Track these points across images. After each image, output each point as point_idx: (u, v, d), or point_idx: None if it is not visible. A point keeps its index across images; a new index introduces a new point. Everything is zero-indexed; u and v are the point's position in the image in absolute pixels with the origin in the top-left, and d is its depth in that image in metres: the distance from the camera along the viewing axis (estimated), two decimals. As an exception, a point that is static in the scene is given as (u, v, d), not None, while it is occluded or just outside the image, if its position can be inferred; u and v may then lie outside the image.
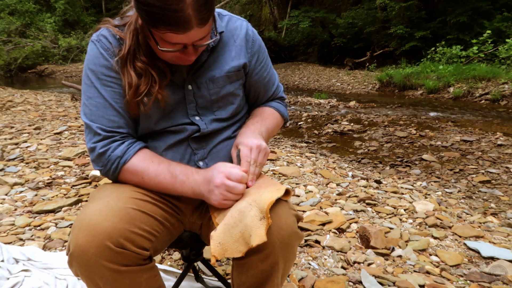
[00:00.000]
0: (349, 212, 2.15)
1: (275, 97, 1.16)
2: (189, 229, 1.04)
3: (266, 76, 1.09)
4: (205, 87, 0.96)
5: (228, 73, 0.97)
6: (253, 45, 1.02)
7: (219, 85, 0.97)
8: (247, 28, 1.02)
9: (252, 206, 0.78)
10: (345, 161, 3.80)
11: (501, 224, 2.23)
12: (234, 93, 1.01)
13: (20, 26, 20.36)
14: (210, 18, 0.78)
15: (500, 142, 4.20)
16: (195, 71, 0.94)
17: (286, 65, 15.73)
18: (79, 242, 0.75)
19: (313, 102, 7.86)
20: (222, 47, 0.98)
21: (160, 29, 0.76)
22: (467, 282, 1.50)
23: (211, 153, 0.99)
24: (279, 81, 1.18)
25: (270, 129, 1.07)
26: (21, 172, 2.68)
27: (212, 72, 0.96)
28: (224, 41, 0.98)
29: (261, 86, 1.09)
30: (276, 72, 1.17)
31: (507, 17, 10.19)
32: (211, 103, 0.98)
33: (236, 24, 1.01)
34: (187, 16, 0.73)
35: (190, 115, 0.96)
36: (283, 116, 1.15)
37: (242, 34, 1.00)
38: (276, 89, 1.15)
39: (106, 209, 0.79)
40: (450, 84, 8.23)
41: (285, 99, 1.20)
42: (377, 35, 13.61)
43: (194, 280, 1.41)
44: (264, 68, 1.07)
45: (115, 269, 0.76)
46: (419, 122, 5.60)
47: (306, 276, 1.49)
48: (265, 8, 20.01)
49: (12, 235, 1.77)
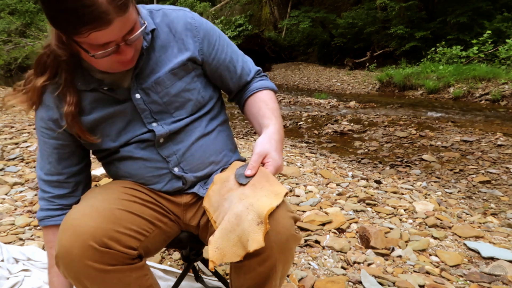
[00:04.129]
0: (349, 212, 2.15)
1: (249, 74, 1.05)
2: (186, 229, 1.05)
3: (226, 58, 0.99)
4: (153, 91, 0.91)
5: (172, 70, 0.91)
6: (198, 32, 0.94)
7: (166, 86, 0.91)
8: (184, 17, 0.94)
9: (249, 210, 0.77)
10: (345, 161, 3.80)
11: (501, 224, 2.23)
12: (188, 88, 0.94)
13: (20, 26, 20.33)
14: (129, 3, 0.73)
15: (500, 142, 4.20)
16: (137, 78, 0.89)
17: (286, 65, 15.72)
18: (63, 243, 0.76)
19: (313, 102, 7.85)
20: (161, 46, 0.91)
21: (82, 33, 0.70)
22: (467, 282, 1.50)
23: (185, 157, 0.96)
24: (243, 55, 1.07)
25: (278, 114, 0.99)
26: (21, 171, 2.67)
27: (156, 74, 0.90)
28: (162, 38, 0.91)
29: (224, 69, 1.00)
30: (236, 47, 1.05)
31: (507, 17, 10.18)
32: (166, 106, 0.92)
33: (171, 17, 0.93)
34: (101, 7, 0.67)
35: (147, 124, 0.92)
36: (274, 90, 1.07)
37: (181, 26, 0.93)
38: (244, 65, 1.04)
39: (91, 209, 0.80)
40: (450, 84, 8.22)
41: (260, 71, 1.09)
42: (377, 35, 13.60)
43: (194, 280, 1.41)
44: (220, 50, 0.98)
45: (101, 268, 0.76)
46: (419, 122, 5.60)
47: (306, 276, 1.49)
48: (265, 8, 20.01)
49: (12, 234, 1.77)
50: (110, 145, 0.94)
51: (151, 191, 0.97)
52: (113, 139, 0.93)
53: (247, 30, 15.86)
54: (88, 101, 0.89)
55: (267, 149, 0.86)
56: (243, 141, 4.20)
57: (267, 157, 0.86)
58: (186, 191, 1.00)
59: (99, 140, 0.92)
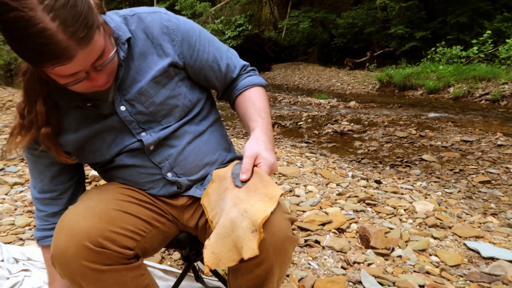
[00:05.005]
0: (349, 212, 2.15)
1: (233, 71, 1.00)
2: (184, 230, 1.05)
3: (208, 57, 0.95)
4: (138, 102, 0.88)
5: (154, 79, 0.88)
6: (175, 35, 0.89)
7: (150, 95, 0.88)
8: (160, 20, 0.89)
9: (243, 217, 0.75)
10: (345, 161, 3.80)
11: (501, 224, 2.23)
12: (173, 95, 0.91)
13: (20, 26, 20.36)
14: (92, 34, 0.67)
15: (500, 142, 4.20)
16: (119, 90, 0.86)
17: (286, 65, 15.73)
18: (58, 243, 0.76)
19: (313, 102, 7.85)
20: (140, 54, 0.87)
21: (47, 66, 0.67)
22: (467, 282, 1.50)
23: (178, 161, 0.94)
24: (228, 50, 1.01)
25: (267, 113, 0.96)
26: (21, 171, 2.67)
27: (138, 84, 0.87)
28: (140, 45, 0.87)
29: (208, 69, 0.96)
30: (219, 43, 1.00)
31: (507, 17, 10.19)
32: (152, 115, 0.90)
33: (146, 22, 0.88)
34: (61, 44, 0.63)
35: (135, 134, 0.90)
36: (262, 85, 1.04)
37: (157, 30, 0.88)
38: (229, 61, 0.99)
39: (86, 210, 0.80)
40: (450, 84, 8.23)
41: (247, 65, 1.04)
42: (377, 35, 13.60)
43: (194, 280, 1.41)
44: (202, 50, 0.93)
45: (96, 268, 0.76)
46: (419, 122, 5.60)
47: (306, 276, 1.49)
48: (265, 8, 20.01)
49: (12, 234, 1.77)
50: (101, 159, 0.93)
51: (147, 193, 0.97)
52: (103, 153, 0.92)
53: (247, 30, 15.86)
54: (72, 118, 0.87)
55: (256, 150, 0.84)
56: (243, 141, 4.20)
57: (258, 158, 0.83)
58: (182, 194, 0.99)
59: (75, 161, 0.90)
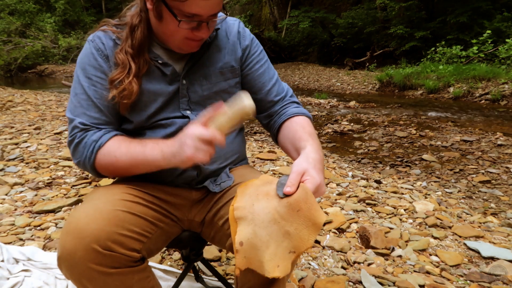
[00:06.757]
0: (349, 212, 2.15)
1: (280, 94, 1.08)
2: (188, 228, 1.04)
3: (259, 68, 1.06)
4: (199, 83, 0.97)
5: (222, 69, 0.99)
6: (244, 39, 1.04)
7: (212, 82, 0.98)
8: (238, 25, 1.06)
9: (285, 238, 0.75)
10: (345, 161, 3.80)
11: (501, 224, 2.23)
12: (228, 91, 1.01)
13: (20, 26, 20.33)
14: None
15: (500, 142, 4.20)
16: (190, 66, 0.96)
17: (286, 65, 15.73)
18: (66, 246, 0.76)
19: (313, 102, 7.85)
20: (216, 44, 1.00)
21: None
22: (467, 282, 1.50)
23: None
24: (280, 80, 1.11)
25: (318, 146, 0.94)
26: (21, 172, 2.68)
27: (206, 69, 0.98)
28: (219, 38, 1.01)
29: (256, 79, 1.05)
30: (274, 70, 1.12)
31: (507, 17, 10.19)
32: (203, 99, 0.98)
33: (229, 23, 1.05)
34: None
35: (181, 109, 0.97)
36: (310, 117, 1.09)
37: (235, 31, 1.04)
38: (277, 83, 1.08)
39: (94, 211, 0.80)
40: (450, 84, 8.23)
41: (294, 95, 1.12)
42: (377, 35, 13.61)
43: (194, 280, 1.41)
44: (257, 60, 1.06)
45: (103, 271, 0.76)
46: (419, 122, 5.60)
47: (306, 276, 1.49)
48: (265, 8, 20.01)
49: (12, 235, 1.77)
50: (141, 119, 0.95)
51: (154, 191, 0.97)
52: (149, 114, 0.94)
53: (247, 30, 15.86)
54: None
55: (304, 166, 0.81)
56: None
57: (305, 175, 0.80)
58: (196, 185, 1.01)
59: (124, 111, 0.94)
